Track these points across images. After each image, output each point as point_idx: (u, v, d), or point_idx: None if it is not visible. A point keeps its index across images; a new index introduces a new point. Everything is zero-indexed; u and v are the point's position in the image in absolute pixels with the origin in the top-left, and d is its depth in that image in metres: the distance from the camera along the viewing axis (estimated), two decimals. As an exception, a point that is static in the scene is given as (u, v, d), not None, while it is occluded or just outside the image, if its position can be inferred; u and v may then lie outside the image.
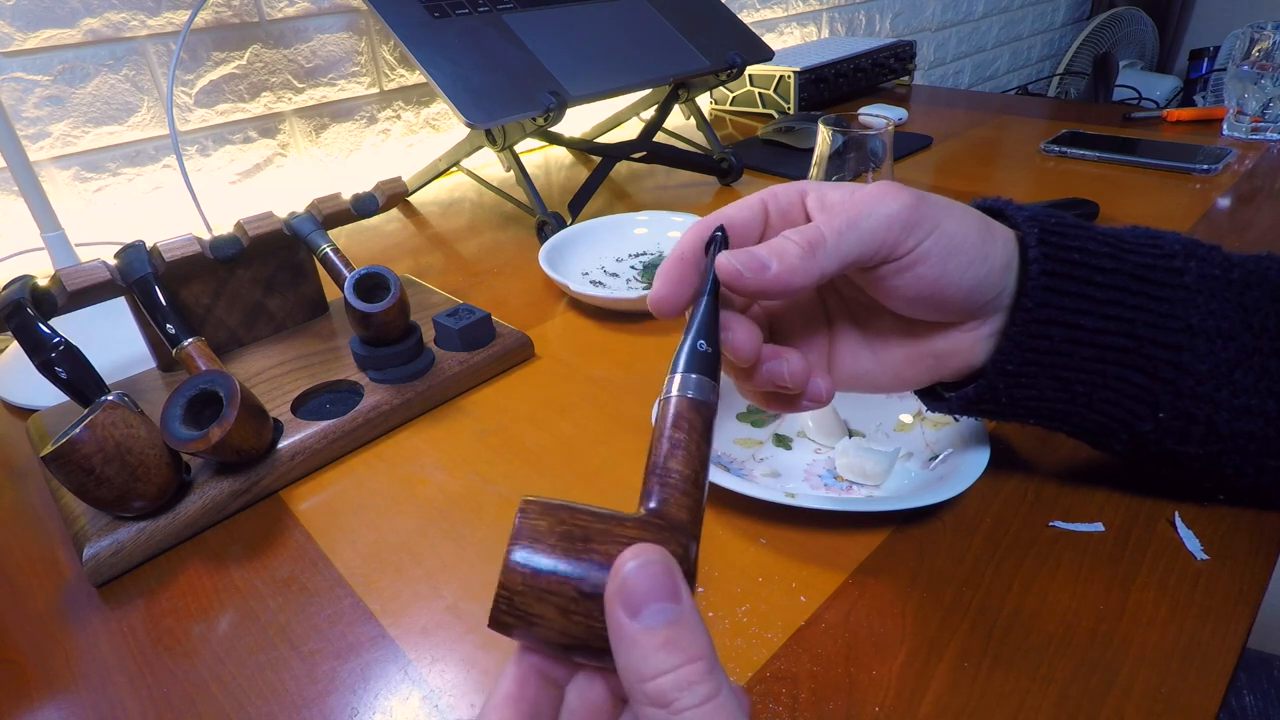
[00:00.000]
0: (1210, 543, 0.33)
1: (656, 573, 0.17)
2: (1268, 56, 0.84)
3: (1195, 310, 0.30)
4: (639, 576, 0.17)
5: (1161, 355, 0.30)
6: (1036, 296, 0.29)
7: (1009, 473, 0.38)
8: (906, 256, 0.27)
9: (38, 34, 0.65)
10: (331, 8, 0.82)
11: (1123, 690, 0.27)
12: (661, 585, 0.17)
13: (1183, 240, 0.31)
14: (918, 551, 0.34)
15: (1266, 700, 0.52)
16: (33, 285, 0.40)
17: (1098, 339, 0.30)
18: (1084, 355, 0.30)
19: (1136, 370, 0.30)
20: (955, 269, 0.28)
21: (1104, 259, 0.30)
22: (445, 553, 0.36)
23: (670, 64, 0.76)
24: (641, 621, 0.16)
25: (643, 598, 0.17)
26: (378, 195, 0.52)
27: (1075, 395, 0.31)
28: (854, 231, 0.27)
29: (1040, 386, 0.31)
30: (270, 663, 0.31)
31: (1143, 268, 0.30)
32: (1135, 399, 0.30)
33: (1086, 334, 0.30)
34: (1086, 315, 0.29)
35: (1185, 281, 0.30)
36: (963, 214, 0.29)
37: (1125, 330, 0.30)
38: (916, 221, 0.27)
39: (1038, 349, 0.30)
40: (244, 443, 0.37)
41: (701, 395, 0.22)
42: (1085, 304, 0.29)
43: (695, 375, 0.22)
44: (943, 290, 0.28)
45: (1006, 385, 0.31)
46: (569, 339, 0.54)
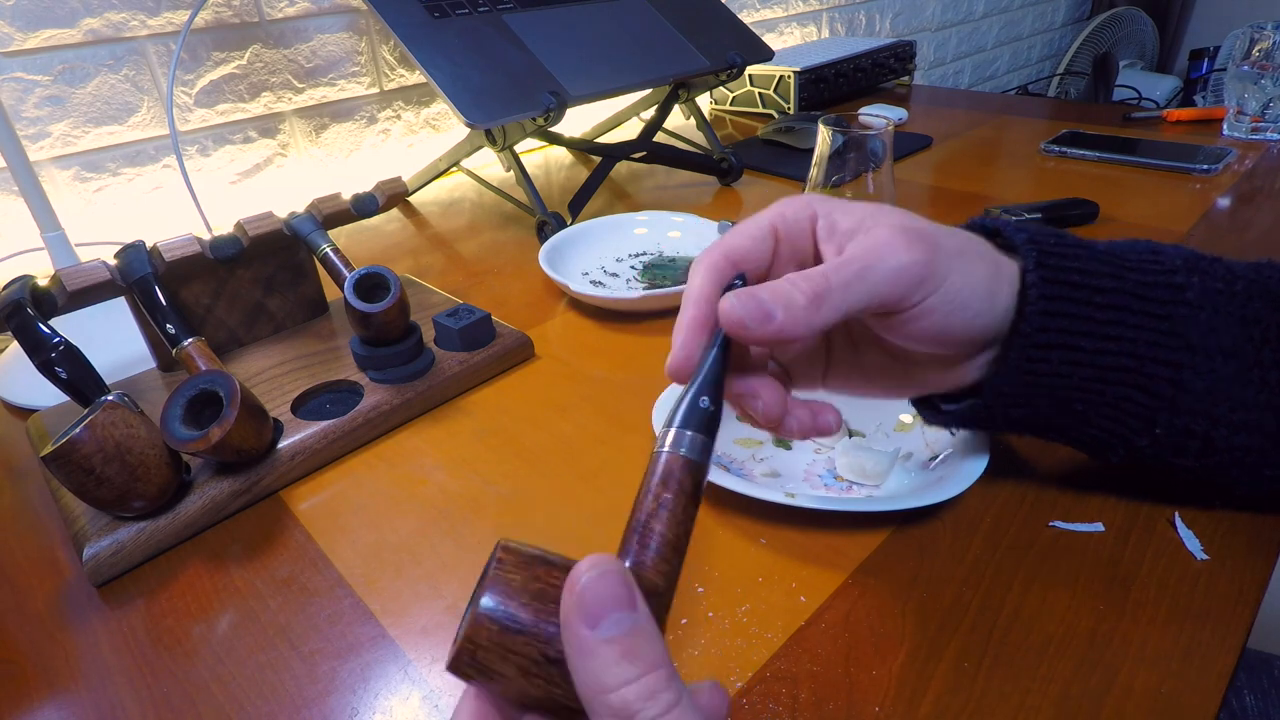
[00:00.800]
0: (1210, 543, 0.33)
1: (613, 582, 0.17)
2: (1268, 56, 0.84)
3: (1196, 327, 0.29)
4: (596, 586, 0.17)
5: (1161, 373, 0.29)
6: (1036, 321, 0.29)
7: (1009, 473, 0.38)
8: (912, 310, 0.27)
9: (38, 34, 0.65)
10: (331, 8, 0.82)
11: (1123, 690, 0.27)
12: (618, 594, 0.17)
13: (1184, 254, 0.31)
14: (918, 551, 0.34)
15: (1267, 700, 0.52)
16: (33, 285, 0.40)
17: (1097, 359, 0.29)
18: (1082, 375, 0.30)
19: (1135, 389, 0.30)
20: (960, 319, 0.28)
21: (1104, 279, 0.29)
22: (445, 553, 0.36)
23: (670, 64, 0.76)
24: (601, 632, 0.16)
25: (600, 608, 0.17)
26: (378, 195, 0.52)
27: (1073, 413, 0.31)
28: (862, 284, 0.26)
29: (1037, 406, 0.31)
30: (270, 663, 0.31)
31: (1144, 285, 0.30)
32: (1133, 415, 0.30)
33: (1086, 355, 0.29)
34: (1086, 337, 0.29)
35: (1187, 298, 0.30)
36: (973, 263, 0.28)
37: (1126, 350, 0.29)
38: (927, 276, 0.26)
39: (1036, 372, 0.30)
40: (244, 443, 0.37)
41: (696, 455, 0.21)
42: (1085, 325, 0.29)
43: (692, 433, 0.21)
44: (945, 337, 0.28)
45: (1003, 405, 0.31)
46: (569, 339, 0.54)
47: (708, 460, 0.22)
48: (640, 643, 0.17)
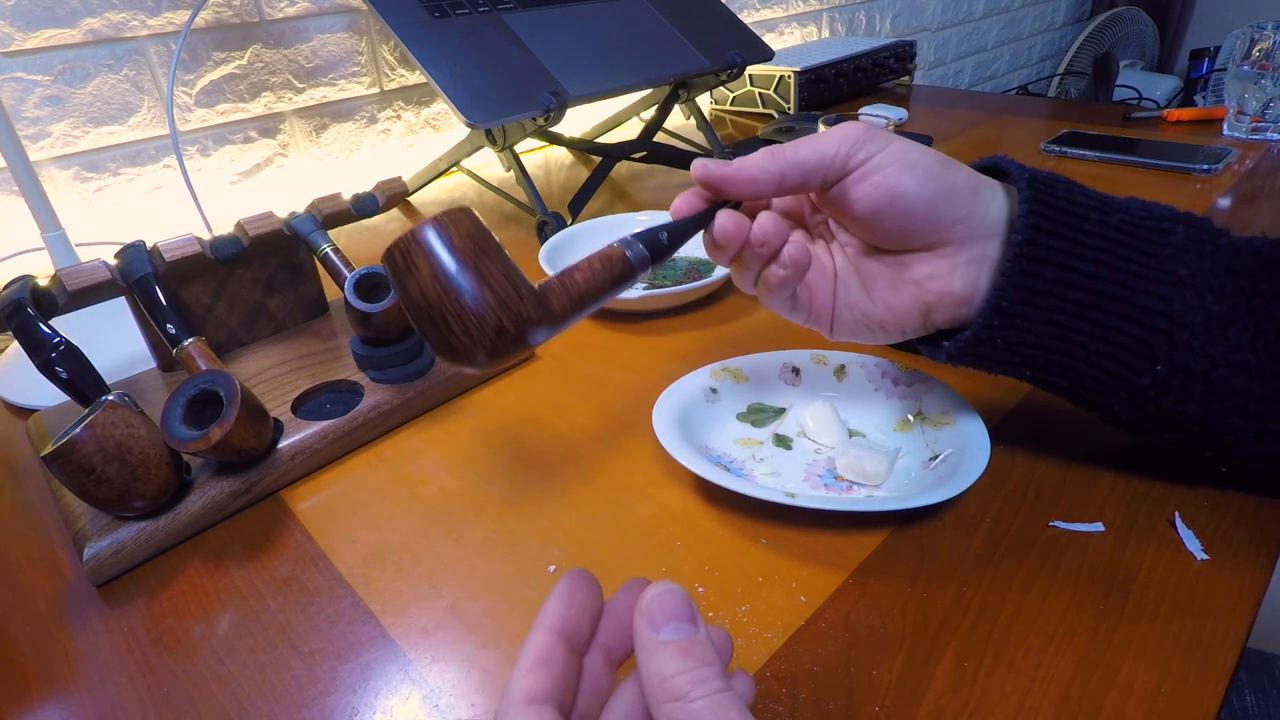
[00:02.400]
0: (1210, 543, 0.33)
1: (678, 600, 0.20)
2: (1268, 56, 0.84)
3: (1184, 265, 0.30)
4: (664, 600, 0.20)
5: (1154, 305, 0.30)
6: (1026, 233, 0.30)
7: (1009, 473, 0.38)
8: (861, 167, 0.31)
9: (38, 34, 0.65)
10: (332, 8, 0.82)
11: (1123, 690, 0.27)
12: (680, 611, 0.20)
13: (1172, 209, 0.32)
14: (918, 551, 0.34)
15: (1267, 699, 0.52)
16: (33, 285, 0.40)
17: (1090, 284, 0.30)
18: (1076, 299, 0.30)
19: (1130, 320, 0.30)
20: (912, 180, 0.30)
21: (1092, 211, 0.31)
22: (445, 553, 0.36)
23: (670, 64, 0.76)
24: (662, 635, 0.19)
25: (665, 617, 0.19)
26: (378, 195, 0.52)
27: (1071, 345, 0.31)
28: (809, 144, 0.31)
29: (1036, 331, 0.31)
30: (270, 663, 0.31)
31: (1129, 224, 0.31)
32: (1131, 351, 0.31)
33: (1079, 277, 0.30)
34: (1078, 259, 0.30)
35: (1172, 240, 0.31)
36: (919, 145, 0.31)
37: (1117, 279, 0.30)
38: (868, 138, 0.31)
39: (1031, 288, 0.30)
40: (244, 443, 0.37)
41: (635, 259, 0.27)
42: (1075, 247, 0.30)
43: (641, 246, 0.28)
44: (899, 201, 0.31)
45: (1002, 325, 0.31)
46: (569, 339, 0.54)
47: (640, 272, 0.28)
48: (696, 647, 0.19)
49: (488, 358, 0.25)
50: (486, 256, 0.24)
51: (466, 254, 0.24)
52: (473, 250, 0.24)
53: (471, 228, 0.24)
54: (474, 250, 0.24)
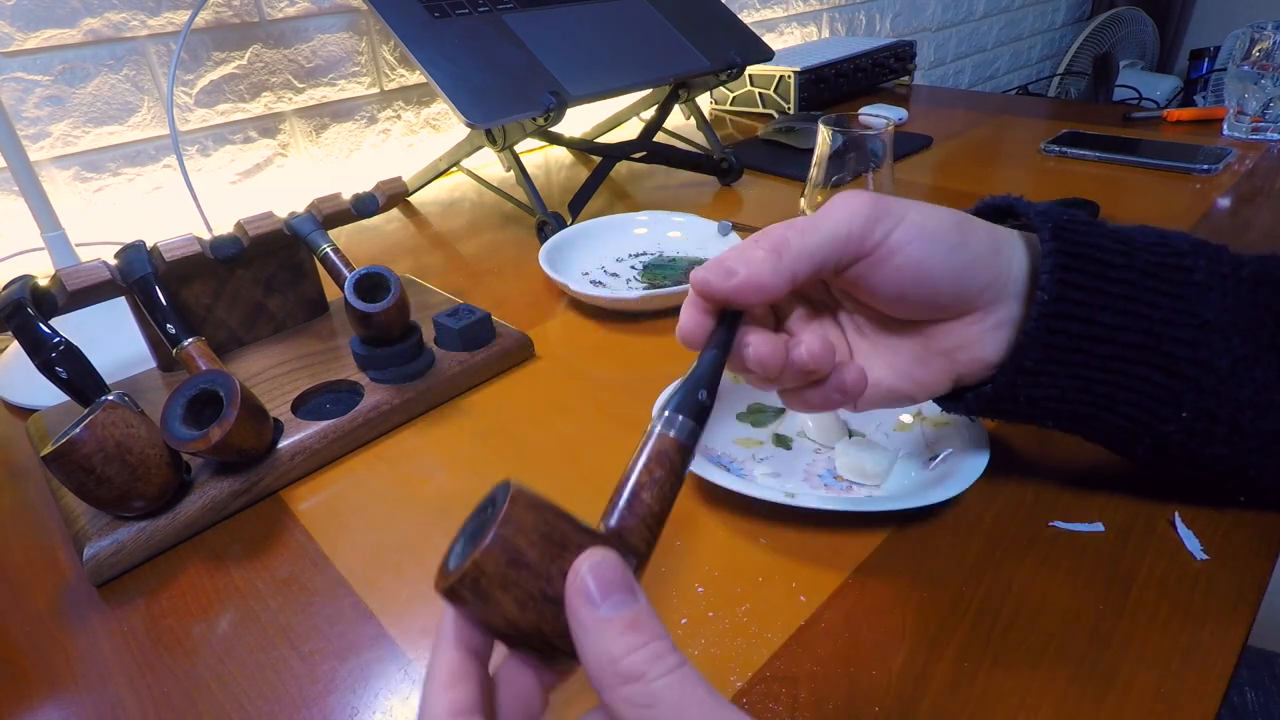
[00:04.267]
0: (1210, 543, 0.33)
1: (615, 571, 0.18)
2: (1268, 56, 0.84)
3: (1209, 306, 0.29)
4: (599, 571, 0.18)
5: (1180, 352, 0.29)
6: (1052, 290, 0.29)
7: (1009, 473, 0.38)
8: (877, 250, 0.28)
9: (38, 34, 0.65)
10: (332, 8, 0.82)
11: (1123, 690, 0.27)
12: (619, 580, 0.18)
13: (1190, 239, 0.31)
14: (918, 551, 0.34)
15: (1268, 697, 0.52)
16: (33, 285, 0.40)
17: (1116, 335, 0.29)
18: (1102, 352, 0.29)
19: (1156, 369, 0.30)
20: (933, 256, 0.28)
21: (1115, 255, 0.29)
22: (445, 553, 0.36)
23: (670, 64, 0.76)
24: (604, 610, 0.18)
25: (604, 590, 0.18)
26: (378, 195, 0.52)
27: (1096, 396, 0.30)
28: (816, 231, 0.27)
29: (1061, 385, 0.30)
30: (270, 663, 0.31)
31: (1153, 265, 0.30)
32: (1157, 399, 0.30)
33: (1104, 330, 0.29)
34: (1103, 310, 0.29)
35: (1196, 279, 0.30)
36: (930, 207, 0.29)
37: (1143, 327, 0.29)
38: (879, 215, 0.28)
39: (1056, 344, 0.29)
40: (244, 443, 0.37)
41: (688, 440, 0.23)
42: (1100, 299, 0.29)
43: (687, 420, 0.24)
44: (924, 280, 0.28)
45: (1025, 383, 0.30)
46: (569, 339, 0.54)
47: (695, 446, 0.24)
48: (642, 619, 0.18)
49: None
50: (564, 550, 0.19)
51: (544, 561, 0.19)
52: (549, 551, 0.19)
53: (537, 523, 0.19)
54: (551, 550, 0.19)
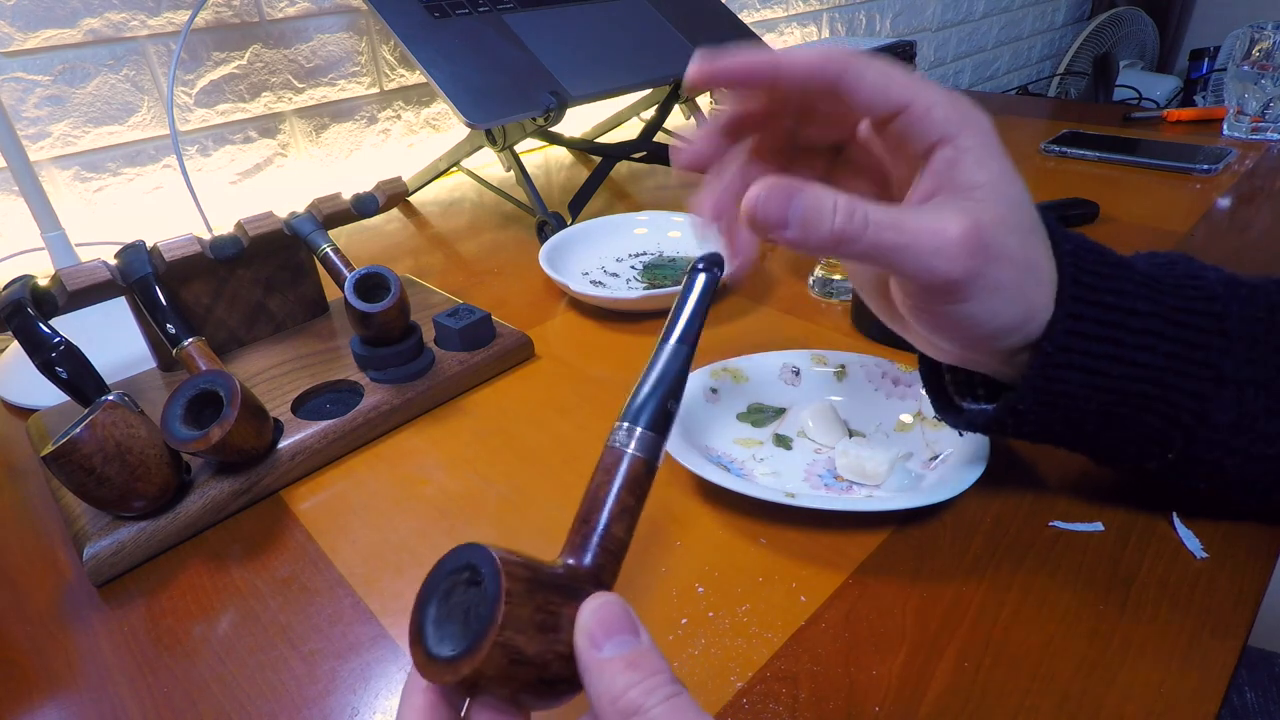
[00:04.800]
0: (1210, 542, 0.33)
1: (617, 613, 0.19)
2: (1268, 56, 0.84)
3: (1231, 358, 0.28)
4: (602, 614, 0.19)
5: (1186, 404, 0.28)
6: (1060, 340, 0.27)
7: (1009, 473, 0.38)
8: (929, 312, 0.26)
9: (38, 34, 0.65)
10: (331, 8, 0.82)
11: (1123, 690, 0.27)
12: (621, 623, 0.19)
13: (1224, 279, 0.29)
14: (918, 551, 0.34)
15: (1267, 697, 0.52)
16: (33, 285, 0.40)
17: (1120, 385, 0.28)
18: (1102, 400, 0.28)
19: (1155, 414, 0.28)
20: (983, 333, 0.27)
21: (1140, 300, 0.28)
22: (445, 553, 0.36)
23: (670, 64, 0.76)
24: (606, 652, 0.18)
25: (606, 633, 0.19)
26: (378, 195, 0.52)
27: (1084, 434, 0.30)
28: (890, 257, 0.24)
29: (1049, 424, 0.30)
30: (270, 663, 0.31)
31: (1180, 311, 0.28)
32: (1148, 440, 0.29)
33: (1109, 380, 0.28)
34: (1113, 361, 0.27)
35: (1226, 327, 0.28)
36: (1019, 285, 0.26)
37: (1153, 378, 0.28)
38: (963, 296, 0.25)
39: (1053, 391, 0.28)
40: (244, 443, 0.37)
41: (652, 456, 0.22)
42: (1114, 349, 0.27)
43: (654, 434, 0.22)
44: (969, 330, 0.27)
45: (1014, 422, 0.30)
46: (569, 339, 0.54)
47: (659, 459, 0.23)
48: (643, 658, 0.18)
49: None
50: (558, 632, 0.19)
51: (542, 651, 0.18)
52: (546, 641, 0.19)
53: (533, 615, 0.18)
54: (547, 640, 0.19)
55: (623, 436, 0.22)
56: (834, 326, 0.53)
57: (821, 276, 0.57)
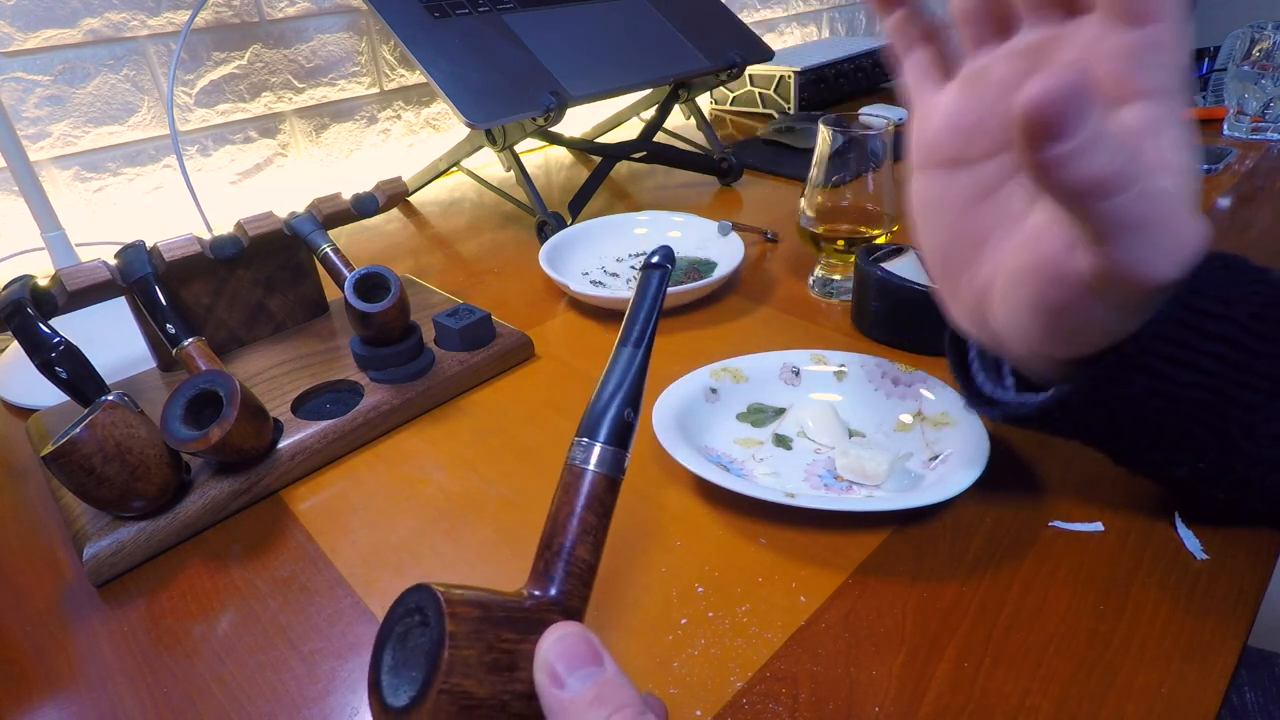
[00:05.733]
0: (1210, 543, 0.33)
1: (575, 644, 0.18)
2: (1268, 56, 0.84)
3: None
4: (562, 647, 0.18)
5: (1237, 415, 0.27)
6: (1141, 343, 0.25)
7: (1009, 473, 0.38)
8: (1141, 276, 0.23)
9: (38, 34, 0.65)
10: (332, 8, 0.82)
11: (1123, 690, 0.27)
12: (582, 654, 0.18)
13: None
14: (918, 551, 0.34)
15: (1267, 697, 0.52)
16: (33, 285, 0.40)
17: (1183, 392, 0.26)
18: (1158, 405, 0.27)
19: (1203, 424, 0.27)
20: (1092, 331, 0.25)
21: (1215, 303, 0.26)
22: (445, 553, 0.36)
23: (670, 64, 0.76)
24: (568, 690, 0.18)
25: (568, 667, 0.18)
26: (378, 195, 0.52)
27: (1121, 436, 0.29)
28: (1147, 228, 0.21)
29: (1093, 423, 0.29)
30: (270, 663, 0.31)
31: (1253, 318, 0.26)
32: (1184, 449, 0.28)
33: (1173, 386, 0.26)
34: (1182, 367, 0.26)
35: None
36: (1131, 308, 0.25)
37: (1215, 385, 0.26)
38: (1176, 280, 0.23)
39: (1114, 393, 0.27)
40: (244, 443, 0.37)
41: (615, 472, 0.21)
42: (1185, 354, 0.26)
43: (614, 449, 0.21)
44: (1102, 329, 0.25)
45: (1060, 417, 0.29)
46: (569, 339, 0.54)
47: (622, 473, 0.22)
48: (607, 690, 0.18)
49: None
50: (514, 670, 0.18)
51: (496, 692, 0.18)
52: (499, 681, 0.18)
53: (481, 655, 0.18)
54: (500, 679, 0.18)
55: (581, 453, 0.21)
56: (834, 326, 0.53)
57: (821, 276, 0.57)
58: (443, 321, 0.49)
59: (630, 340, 0.23)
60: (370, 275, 0.44)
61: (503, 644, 0.18)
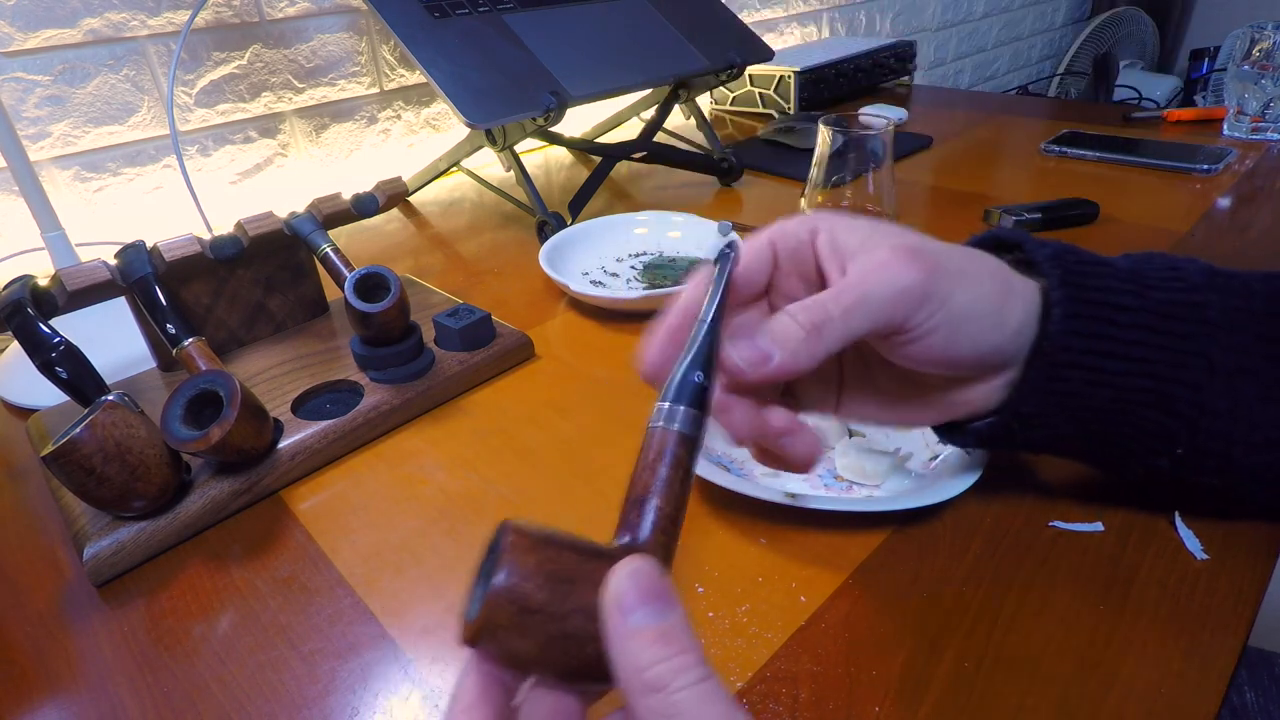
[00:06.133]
0: (1210, 543, 0.33)
1: (650, 580, 0.18)
2: (1268, 56, 0.84)
3: (1217, 346, 0.29)
4: (635, 580, 0.18)
5: (1183, 394, 0.29)
6: (1059, 340, 0.28)
7: (1009, 473, 0.38)
8: (915, 331, 0.27)
9: (38, 34, 0.65)
10: (332, 8, 0.82)
11: (1123, 690, 0.27)
12: (654, 590, 0.18)
13: (1202, 269, 0.30)
14: (918, 551, 0.34)
15: (1267, 697, 0.52)
16: (33, 285, 0.40)
17: (1117, 380, 0.29)
18: (1103, 396, 0.29)
19: (1156, 409, 0.29)
20: (967, 338, 0.28)
21: (1126, 296, 0.29)
22: (445, 553, 0.36)
23: (670, 64, 0.76)
24: (634, 621, 0.17)
25: (638, 599, 0.17)
26: (378, 195, 0.52)
27: (1091, 434, 0.30)
28: (862, 309, 0.26)
29: (1056, 426, 0.30)
30: (270, 663, 0.31)
31: (1166, 304, 0.29)
32: (1152, 435, 0.30)
33: (1106, 376, 0.29)
34: (1108, 358, 0.29)
35: (1208, 316, 0.29)
36: (979, 280, 0.28)
37: (1148, 371, 0.29)
38: (928, 295, 0.26)
39: (1056, 391, 0.29)
40: (244, 442, 0.37)
41: (691, 430, 0.22)
42: (1108, 345, 0.29)
43: (687, 408, 0.22)
44: (953, 356, 0.28)
45: (1021, 426, 0.30)
46: (569, 339, 0.54)
47: (701, 433, 0.23)
48: (673, 632, 0.17)
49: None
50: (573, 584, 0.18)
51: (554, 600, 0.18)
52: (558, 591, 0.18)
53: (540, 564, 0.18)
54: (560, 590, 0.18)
55: (656, 416, 0.23)
56: (834, 326, 0.53)
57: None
58: (443, 321, 0.49)
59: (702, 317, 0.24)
60: (370, 275, 0.44)
61: (564, 559, 0.19)
